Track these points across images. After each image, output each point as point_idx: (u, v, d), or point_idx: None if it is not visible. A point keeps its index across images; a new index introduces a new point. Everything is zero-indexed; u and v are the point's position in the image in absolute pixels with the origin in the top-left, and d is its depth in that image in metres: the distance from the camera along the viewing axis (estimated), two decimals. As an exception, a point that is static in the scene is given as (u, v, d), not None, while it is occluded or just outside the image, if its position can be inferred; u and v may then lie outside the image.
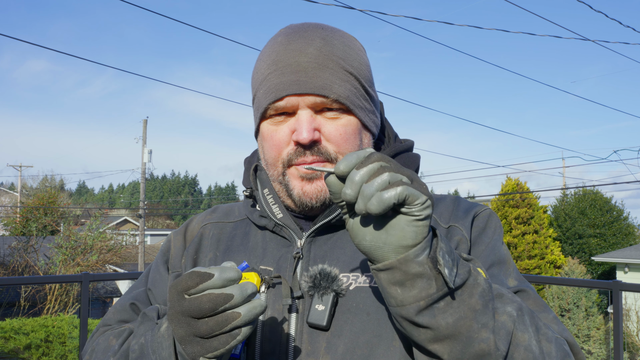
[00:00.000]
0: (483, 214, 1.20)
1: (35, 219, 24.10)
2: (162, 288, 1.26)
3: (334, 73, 1.10)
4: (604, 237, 30.24)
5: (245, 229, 1.26)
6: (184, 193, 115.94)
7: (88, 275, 4.35)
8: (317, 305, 1.07)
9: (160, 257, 1.32)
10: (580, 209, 31.06)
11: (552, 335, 0.96)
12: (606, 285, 4.49)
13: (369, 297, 1.08)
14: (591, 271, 28.89)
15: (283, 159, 1.13)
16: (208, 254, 1.24)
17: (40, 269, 16.24)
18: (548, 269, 24.69)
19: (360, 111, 1.14)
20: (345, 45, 1.15)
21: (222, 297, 0.88)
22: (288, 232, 1.17)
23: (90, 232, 17.67)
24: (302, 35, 1.12)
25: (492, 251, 1.14)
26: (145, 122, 30.78)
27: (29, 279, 7.70)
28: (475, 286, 0.89)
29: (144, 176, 29.99)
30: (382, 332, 1.05)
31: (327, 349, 1.05)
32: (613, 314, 4.32)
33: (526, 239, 25.01)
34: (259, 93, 1.14)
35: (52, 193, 28.66)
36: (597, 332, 17.54)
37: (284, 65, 1.10)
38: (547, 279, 12.92)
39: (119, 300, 1.32)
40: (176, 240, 1.32)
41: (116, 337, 1.16)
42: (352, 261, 1.12)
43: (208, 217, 1.33)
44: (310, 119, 1.09)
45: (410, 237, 0.84)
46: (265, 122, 1.15)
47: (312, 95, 1.08)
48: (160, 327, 1.00)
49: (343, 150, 1.11)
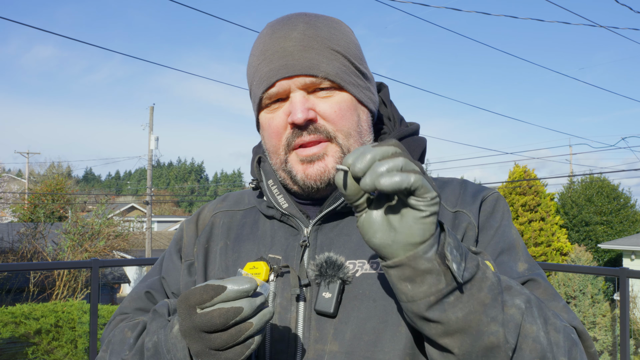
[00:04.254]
0: (491, 198, 1.19)
1: (43, 205, 24.23)
2: (175, 276, 1.28)
3: (320, 52, 1.11)
4: (611, 225, 30.16)
5: (255, 217, 1.27)
6: (191, 180, 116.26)
7: (97, 261, 4.39)
8: (324, 293, 1.08)
9: (174, 246, 1.33)
10: (587, 196, 30.96)
11: (560, 325, 0.96)
12: (613, 273, 4.49)
13: (375, 283, 1.09)
14: (598, 258, 28.85)
15: (283, 145, 1.14)
16: (219, 242, 1.26)
17: (49, 255, 16.37)
18: (554, 256, 24.68)
19: (353, 87, 1.14)
20: (330, 27, 1.15)
21: (232, 312, 0.88)
22: (295, 221, 1.18)
23: (97, 219, 17.77)
24: (285, 23, 1.14)
25: (502, 236, 1.14)
26: (152, 108, 30.79)
27: (40, 264, 7.76)
28: (484, 280, 0.90)
29: (151, 163, 30.06)
30: (388, 318, 1.06)
31: (334, 335, 1.07)
32: (620, 301, 4.32)
33: (533, 226, 24.99)
34: (253, 85, 1.16)
35: (60, 180, 28.79)
36: (602, 319, 17.55)
37: (271, 53, 1.11)
38: (553, 266, 12.91)
39: (134, 288, 1.34)
40: (188, 229, 1.33)
41: (131, 330, 1.17)
42: (357, 248, 1.13)
43: (219, 205, 1.35)
44: (302, 100, 1.10)
45: (418, 235, 0.85)
46: (262, 112, 1.17)
47: (301, 76, 1.09)
48: (173, 327, 1.00)
49: (340, 127, 1.12)
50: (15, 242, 17.88)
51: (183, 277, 1.26)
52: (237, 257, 1.21)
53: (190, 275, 1.26)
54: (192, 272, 1.26)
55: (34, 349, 7.68)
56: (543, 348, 0.92)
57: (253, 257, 1.19)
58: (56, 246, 16.81)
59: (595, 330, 17.41)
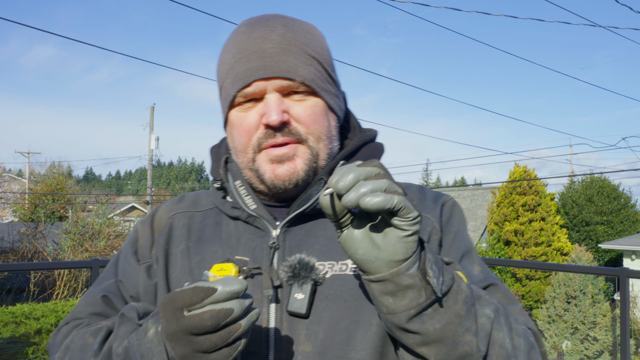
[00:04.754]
0: (449, 203, 1.25)
1: (43, 205, 24.22)
2: (133, 279, 1.24)
3: (298, 57, 1.12)
4: (611, 225, 30.14)
5: (216, 219, 1.25)
6: (191, 180, 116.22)
7: (98, 261, 4.40)
8: (297, 294, 1.09)
9: (129, 248, 1.29)
10: (587, 196, 30.95)
11: (521, 330, 1.03)
12: (613, 272, 4.48)
13: (345, 284, 1.11)
14: (598, 258, 28.84)
15: (253, 144, 1.14)
16: (179, 244, 1.23)
17: (49, 255, 16.34)
18: (555, 256, 24.66)
19: (326, 94, 1.17)
20: (306, 32, 1.17)
21: (223, 313, 0.88)
22: (262, 223, 1.18)
23: (97, 218, 17.75)
24: (264, 23, 1.15)
25: (462, 241, 1.21)
26: (152, 108, 30.80)
27: (41, 264, 7.77)
28: (459, 292, 0.95)
29: (151, 163, 30.07)
30: (359, 317, 1.09)
31: (307, 335, 1.08)
32: (620, 301, 4.32)
33: (533, 226, 24.96)
34: (226, 82, 1.16)
35: (60, 180, 28.78)
36: (603, 319, 17.52)
37: (249, 52, 1.12)
38: (553, 266, 12.91)
39: (88, 292, 1.28)
40: (143, 230, 1.30)
41: (93, 336, 1.12)
42: (326, 250, 1.15)
43: (175, 206, 1.32)
44: (278, 102, 1.11)
45: (402, 253, 0.89)
46: (233, 110, 1.17)
47: (279, 78, 1.11)
48: (147, 331, 0.98)
49: (312, 130, 1.14)
50: (16, 241, 17.86)
51: (142, 280, 1.23)
52: (201, 259, 1.19)
53: (149, 277, 1.23)
54: (151, 275, 1.23)
55: (34, 348, 7.67)
56: (508, 353, 0.98)
57: (218, 259, 1.17)
58: (56, 246, 16.78)
59: (595, 330, 17.40)
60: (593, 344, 17.44)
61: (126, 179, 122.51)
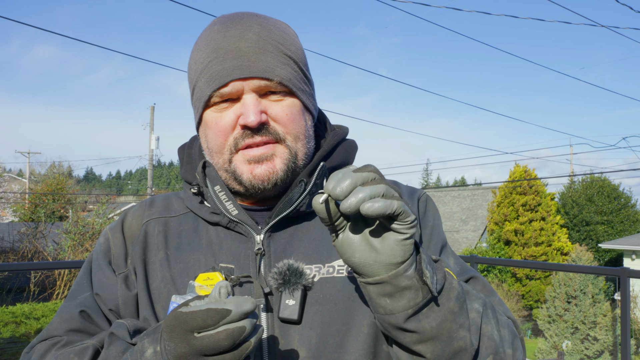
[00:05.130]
0: (423, 198, 1.27)
1: (43, 205, 24.23)
2: (111, 291, 1.18)
3: (274, 57, 1.10)
4: (612, 224, 30.15)
5: (193, 224, 1.22)
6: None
7: (98, 261, 4.39)
8: (288, 300, 1.08)
9: (102, 258, 1.22)
10: (587, 196, 30.95)
11: (505, 321, 1.07)
12: (614, 272, 4.48)
13: (334, 287, 1.11)
14: (598, 258, 28.85)
15: (230, 145, 1.12)
16: (158, 253, 1.19)
17: (50, 255, 16.35)
18: (555, 256, 24.68)
19: (302, 93, 1.16)
20: (281, 31, 1.15)
21: (237, 332, 0.86)
22: (244, 228, 1.15)
23: (98, 218, 17.75)
24: (238, 22, 1.13)
25: (438, 235, 1.23)
26: (152, 108, 30.81)
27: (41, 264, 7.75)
28: (452, 290, 0.97)
29: (152, 163, 30.07)
30: (350, 320, 1.09)
31: (300, 341, 1.07)
32: (620, 301, 4.32)
33: (533, 225, 24.98)
34: (200, 82, 1.13)
35: (61, 179, 28.80)
36: (603, 319, 17.53)
37: (225, 51, 1.09)
38: (554, 266, 12.90)
39: (62, 307, 1.20)
40: (115, 238, 1.24)
41: (79, 356, 1.05)
42: (311, 253, 1.14)
43: (147, 212, 1.26)
44: (256, 102, 1.09)
45: (400, 255, 0.90)
46: (208, 110, 1.14)
47: (257, 78, 1.09)
48: (145, 351, 0.95)
49: (290, 130, 1.12)
50: (16, 241, 17.87)
51: (121, 292, 1.17)
52: (183, 267, 1.15)
53: (128, 289, 1.17)
54: (130, 286, 1.18)
55: (34, 348, 7.69)
56: (496, 344, 1.02)
57: (202, 267, 1.14)
58: (57, 246, 16.78)
59: (595, 330, 17.41)
60: (593, 344, 17.44)
61: (126, 179, 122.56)
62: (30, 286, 14.48)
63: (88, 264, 1.26)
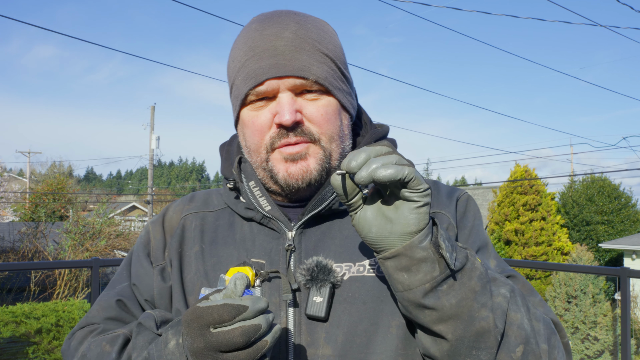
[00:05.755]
0: (463, 198, 1.24)
1: (44, 205, 24.23)
2: (147, 282, 1.22)
3: (311, 55, 1.10)
4: (612, 224, 30.12)
5: (229, 220, 1.23)
6: (192, 179, 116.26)
7: (98, 260, 4.40)
8: (315, 297, 1.08)
9: (142, 250, 1.27)
10: (588, 195, 30.92)
11: (540, 315, 1.03)
12: (614, 272, 4.48)
13: (364, 286, 1.10)
14: (599, 258, 28.82)
15: (266, 144, 1.12)
16: (193, 246, 1.21)
17: (50, 255, 16.34)
18: (555, 255, 24.64)
19: (339, 92, 1.15)
20: (319, 29, 1.15)
21: (252, 329, 0.87)
22: (277, 224, 1.16)
23: (98, 218, 17.75)
24: (276, 20, 1.12)
25: (477, 236, 1.20)
26: (153, 108, 30.80)
27: (41, 264, 7.76)
28: (474, 270, 0.95)
29: (152, 162, 30.07)
30: (378, 320, 1.08)
31: (326, 339, 1.07)
32: (621, 300, 4.32)
33: (534, 225, 24.95)
34: (238, 80, 1.14)
35: (61, 179, 28.79)
36: (604, 318, 17.52)
37: (262, 50, 1.10)
38: (554, 266, 12.90)
39: (101, 296, 1.25)
40: (155, 231, 1.28)
41: (110, 344, 1.10)
42: (342, 251, 1.14)
43: (187, 206, 1.30)
44: (291, 101, 1.09)
45: (414, 224, 0.90)
46: (245, 108, 1.15)
47: (292, 77, 1.09)
48: (168, 342, 0.97)
49: (325, 130, 1.12)
50: (16, 241, 17.86)
51: (156, 283, 1.20)
52: (217, 261, 1.17)
53: (164, 280, 1.20)
54: (165, 278, 1.21)
55: (34, 348, 7.67)
56: (527, 334, 0.97)
57: (234, 261, 1.16)
58: (57, 245, 16.77)
59: (596, 329, 17.39)
60: (594, 344, 17.42)
61: (127, 179, 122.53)
62: (30, 286, 14.48)
63: (129, 256, 1.30)
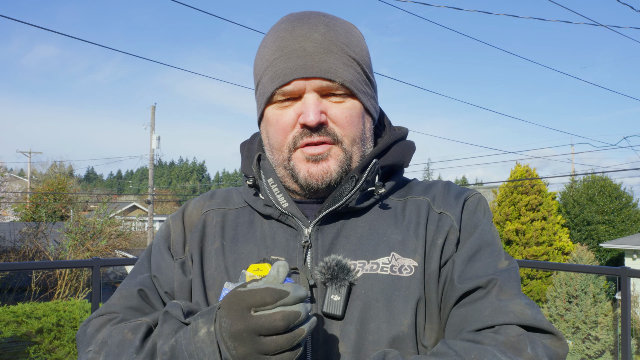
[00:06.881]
0: (473, 199, 1.23)
1: (45, 204, 24.24)
2: (168, 275, 1.23)
3: (338, 58, 1.12)
4: (613, 224, 30.10)
5: (249, 217, 1.25)
6: (192, 179, 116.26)
7: (99, 260, 4.40)
8: (333, 295, 1.09)
9: (162, 243, 1.28)
10: (589, 195, 30.90)
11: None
12: (614, 272, 4.48)
13: (377, 284, 1.11)
14: (599, 258, 28.81)
15: (289, 143, 1.14)
16: (214, 242, 1.23)
17: (51, 254, 16.36)
18: (556, 255, 24.63)
19: (363, 96, 1.17)
20: (347, 32, 1.16)
21: (293, 315, 0.88)
22: (294, 221, 1.17)
23: (99, 218, 17.76)
24: (305, 22, 1.14)
25: (481, 235, 1.17)
26: (153, 108, 30.81)
27: (42, 264, 7.76)
28: None
29: (152, 162, 30.08)
30: (390, 318, 1.09)
31: (341, 336, 1.08)
32: (621, 300, 4.32)
33: (534, 225, 24.94)
34: (264, 79, 1.16)
35: (62, 179, 28.82)
36: (604, 318, 17.50)
37: (290, 50, 1.12)
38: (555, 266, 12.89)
39: (123, 285, 1.26)
40: (175, 226, 1.29)
41: (132, 332, 1.09)
42: (357, 249, 1.15)
43: (208, 203, 1.31)
44: (317, 102, 1.11)
45: None
46: (270, 107, 1.17)
47: (319, 79, 1.11)
48: (198, 331, 0.96)
49: (348, 132, 1.14)
50: (17, 241, 17.88)
51: (177, 276, 1.22)
52: (237, 258, 1.19)
53: (184, 274, 1.22)
54: (186, 272, 1.22)
55: (35, 348, 7.68)
56: None
57: (254, 258, 1.17)
58: (58, 245, 16.79)
59: (597, 329, 17.38)
60: (594, 344, 17.41)
61: (127, 179, 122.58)
62: (31, 285, 14.50)
63: (149, 248, 1.31)
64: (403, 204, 1.21)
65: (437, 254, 1.14)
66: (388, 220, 1.18)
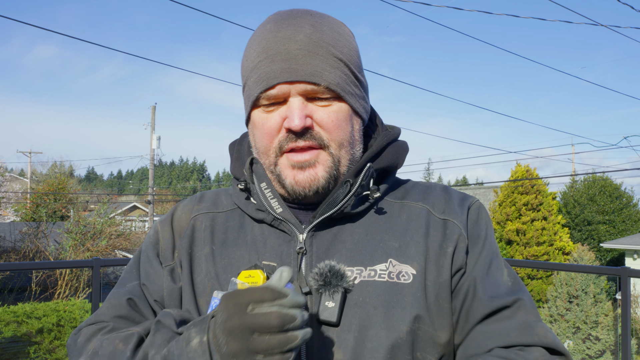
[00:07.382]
0: (475, 206, 1.22)
1: (45, 204, 24.25)
2: (157, 283, 1.21)
3: (324, 60, 1.09)
4: (613, 224, 30.09)
5: (240, 220, 1.23)
6: (193, 179, 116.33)
7: (99, 260, 4.40)
8: (327, 302, 1.07)
9: (151, 250, 1.25)
10: (589, 195, 30.90)
11: None
12: (615, 272, 4.47)
13: (375, 291, 1.09)
14: (600, 258, 28.80)
15: (275, 147, 1.12)
16: (204, 248, 1.20)
17: (51, 254, 16.36)
18: (557, 255, 24.63)
19: (351, 97, 1.14)
20: (334, 32, 1.13)
21: (289, 317, 0.87)
22: (288, 227, 1.15)
23: (99, 218, 17.76)
24: (291, 22, 1.11)
25: (489, 247, 1.17)
26: (153, 108, 30.83)
27: (42, 264, 7.76)
28: None
29: (153, 162, 30.09)
30: (389, 325, 1.07)
31: (338, 343, 1.07)
32: (621, 300, 4.32)
33: (535, 225, 24.94)
34: (250, 81, 1.14)
35: (62, 179, 28.84)
36: (605, 318, 17.50)
37: (274, 53, 1.09)
38: (555, 266, 12.88)
39: (112, 293, 1.23)
40: (164, 231, 1.26)
41: (124, 342, 1.07)
42: (353, 255, 1.13)
43: (196, 207, 1.28)
44: (301, 106, 1.09)
45: None
46: (256, 110, 1.14)
47: (303, 82, 1.08)
48: (190, 340, 0.95)
49: (335, 136, 1.12)
50: (18, 241, 17.87)
51: (166, 284, 1.19)
52: (227, 263, 1.16)
53: (174, 281, 1.20)
54: (175, 279, 1.20)
55: (35, 348, 7.68)
56: None
57: (245, 263, 1.15)
58: (58, 245, 16.78)
59: (597, 329, 17.38)
60: (595, 344, 17.41)
61: (128, 179, 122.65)
62: (31, 285, 14.49)
63: (138, 254, 1.28)
64: (399, 207, 1.19)
65: (448, 263, 1.12)
66: (384, 225, 1.16)
